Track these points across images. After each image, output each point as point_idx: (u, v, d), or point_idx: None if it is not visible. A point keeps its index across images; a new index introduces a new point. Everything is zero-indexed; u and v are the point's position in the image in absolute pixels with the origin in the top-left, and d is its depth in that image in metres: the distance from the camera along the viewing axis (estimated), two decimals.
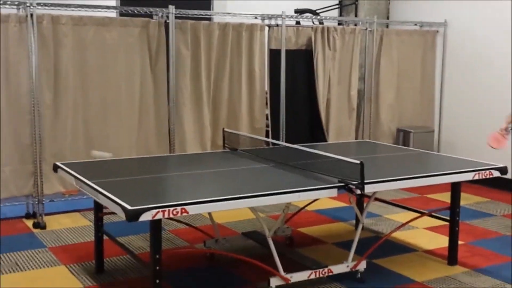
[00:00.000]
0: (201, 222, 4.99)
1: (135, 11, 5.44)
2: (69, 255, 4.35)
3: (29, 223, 5.09)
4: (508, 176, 4.21)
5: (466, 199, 5.86)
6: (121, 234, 4.65)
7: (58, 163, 4.01)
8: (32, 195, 5.14)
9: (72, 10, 5.20)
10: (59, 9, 5.10)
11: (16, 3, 4.95)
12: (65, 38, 5.10)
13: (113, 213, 3.53)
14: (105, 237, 3.99)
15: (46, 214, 5.16)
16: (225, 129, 4.86)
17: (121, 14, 5.95)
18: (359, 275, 3.82)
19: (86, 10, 5.28)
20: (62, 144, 5.00)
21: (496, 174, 4.01)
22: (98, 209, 3.94)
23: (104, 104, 5.37)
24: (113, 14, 6.13)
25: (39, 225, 4.99)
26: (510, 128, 4.58)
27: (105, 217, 4.12)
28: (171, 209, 2.89)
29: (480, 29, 6.68)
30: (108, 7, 5.40)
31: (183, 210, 2.92)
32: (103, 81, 5.32)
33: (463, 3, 6.87)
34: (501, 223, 5.25)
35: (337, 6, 7.74)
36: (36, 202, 5.12)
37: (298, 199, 3.29)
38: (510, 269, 4.13)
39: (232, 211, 4.05)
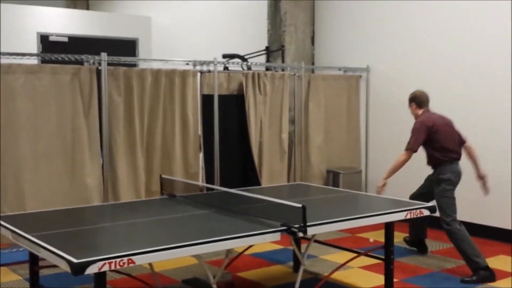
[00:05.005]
0: (137, 271, 4.89)
1: (66, 59, 5.38)
2: None
3: None
4: (436, 214, 4.43)
5: (396, 237, 6.04)
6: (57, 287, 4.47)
7: None
8: None
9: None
10: None
11: None
12: None
13: (50, 266, 3.42)
14: None
15: None
16: (162, 176, 4.84)
17: (45, 61, 5.83)
18: None
19: (14, 58, 5.16)
20: None
21: (426, 212, 4.22)
22: (34, 262, 3.78)
23: (35, 153, 5.22)
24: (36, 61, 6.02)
25: None
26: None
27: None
28: (118, 260, 2.84)
29: (399, 73, 7.07)
30: (38, 55, 5.32)
31: (130, 261, 2.88)
32: (34, 130, 5.19)
33: (384, 49, 7.25)
34: (431, 260, 5.46)
35: (264, 52, 7.95)
36: None
37: (244, 244, 3.32)
38: None
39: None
